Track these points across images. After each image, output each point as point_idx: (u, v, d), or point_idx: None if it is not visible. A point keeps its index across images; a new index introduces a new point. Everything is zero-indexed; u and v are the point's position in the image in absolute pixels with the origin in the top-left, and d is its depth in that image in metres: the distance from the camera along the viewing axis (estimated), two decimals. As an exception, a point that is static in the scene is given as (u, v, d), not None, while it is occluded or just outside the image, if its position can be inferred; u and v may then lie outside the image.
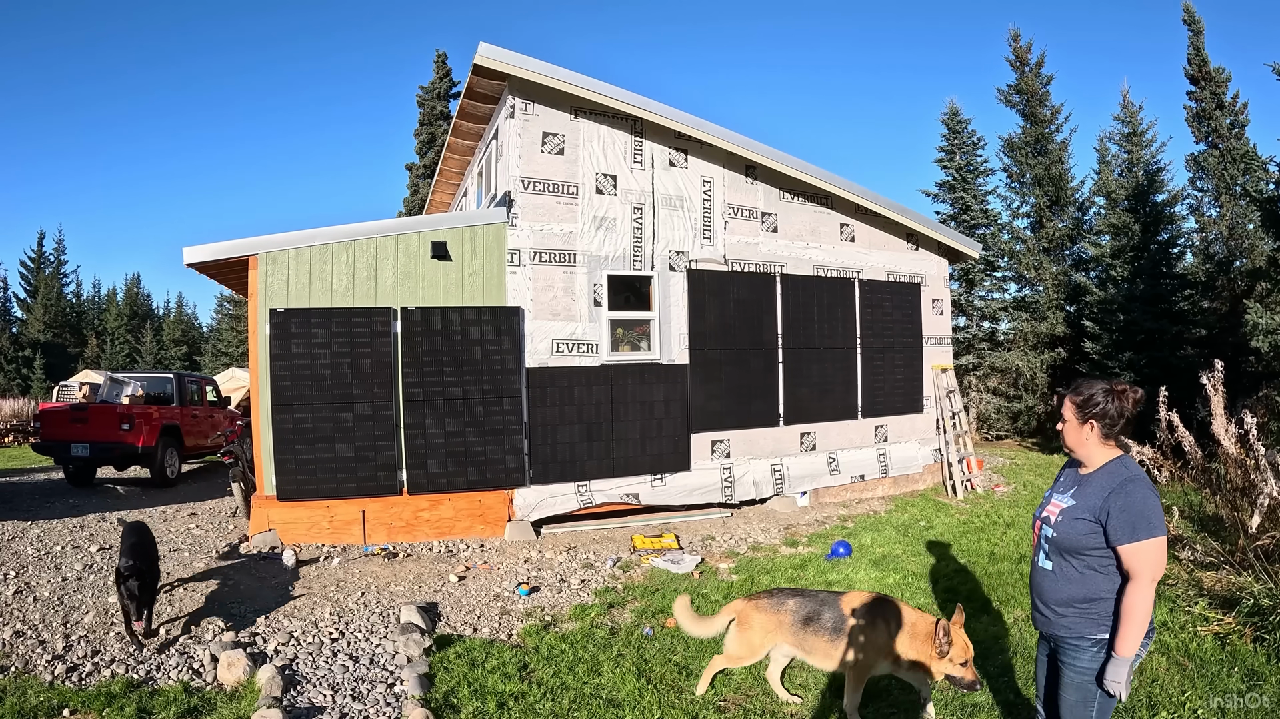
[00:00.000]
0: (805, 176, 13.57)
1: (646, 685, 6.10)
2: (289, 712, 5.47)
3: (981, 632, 7.19)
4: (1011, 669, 6.37)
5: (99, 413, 15.22)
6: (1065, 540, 3.83)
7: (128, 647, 6.70)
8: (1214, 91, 23.05)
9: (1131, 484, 3.71)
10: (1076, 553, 3.80)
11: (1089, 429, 3.89)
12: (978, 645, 6.81)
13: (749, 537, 11.44)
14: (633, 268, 12.38)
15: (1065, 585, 3.84)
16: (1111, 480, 3.78)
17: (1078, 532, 3.78)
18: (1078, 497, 3.89)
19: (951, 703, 5.78)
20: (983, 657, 6.58)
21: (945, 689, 6.03)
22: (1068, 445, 4.02)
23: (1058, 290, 24.42)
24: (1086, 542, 3.76)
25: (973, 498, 14.29)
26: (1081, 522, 3.79)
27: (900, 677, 5.60)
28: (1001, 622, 7.55)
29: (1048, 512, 4.02)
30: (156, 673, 6.20)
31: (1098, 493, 3.79)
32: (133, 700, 5.52)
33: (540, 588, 8.96)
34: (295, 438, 10.52)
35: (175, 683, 5.97)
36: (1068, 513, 3.87)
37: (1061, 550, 3.86)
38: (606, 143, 12.26)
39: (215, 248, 10.58)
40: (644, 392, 12.31)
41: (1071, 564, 3.83)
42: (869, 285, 14.71)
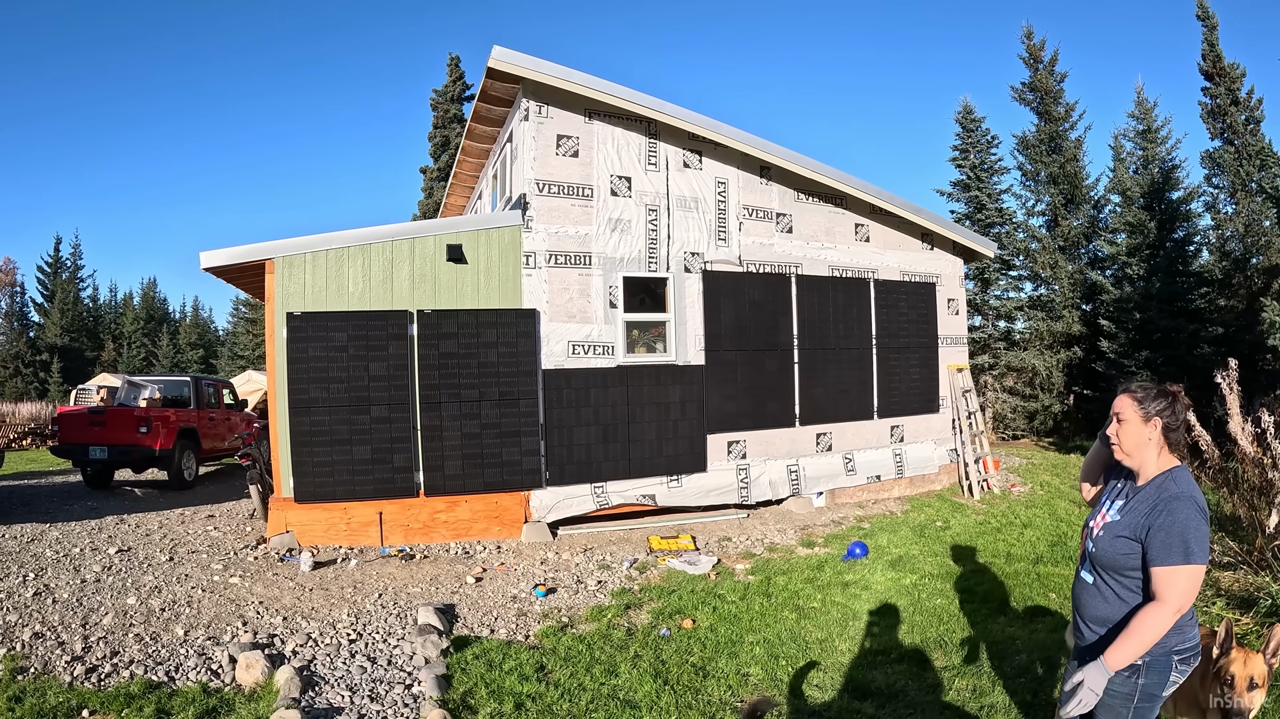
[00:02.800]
0: (820, 177, 13.57)
1: (664, 686, 6.14)
2: (307, 712, 5.50)
3: (999, 633, 7.25)
4: (1030, 669, 6.37)
5: (116, 416, 15.34)
6: (1105, 558, 3.66)
7: (147, 648, 6.72)
8: (1229, 87, 22.91)
9: (1176, 503, 3.45)
10: (1116, 572, 3.63)
11: (1152, 429, 3.61)
12: (994, 647, 6.87)
13: (765, 537, 11.46)
14: (648, 269, 12.41)
15: (1102, 604, 3.69)
16: (1157, 496, 3.55)
17: (1117, 550, 3.60)
18: (1125, 512, 3.66)
19: (969, 703, 5.80)
20: (999, 657, 6.64)
21: (962, 689, 6.06)
22: (1125, 450, 3.69)
23: (1073, 289, 24.29)
24: (1126, 562, 3.57)
25: (989, 498, 14.26)
26: (1122, 540, 3.59)
27: None
28: (1019, 622, 7.56)
29: (1094, 523, 3.82)
30: (175, 674, 6.21)
31: (1143, 510, 3.56)
32: (151, 701, 5.55)
33: (557, 589, 9.00)
34: (312, 440, 10.59)
35: (194, 684, 5.99)
36: (1110, 529, 3.68)
37: (1100, 567, 3.71)
38: (621, 145, 12.30)
39: (232, 252, 10.67)
40: (660, 393, 12.34)
41: (1110, 583, 3.66)
42: (884, 285, 14.70)
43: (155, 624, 7.33)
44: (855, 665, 6.65)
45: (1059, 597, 8.24)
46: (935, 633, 7.37)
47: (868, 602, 8.35)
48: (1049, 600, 8.13)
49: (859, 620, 7.82)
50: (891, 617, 7.88)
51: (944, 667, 6.54)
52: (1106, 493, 3.90)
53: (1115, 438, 3.72)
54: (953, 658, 6.73)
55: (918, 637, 7.30)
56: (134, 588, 8.42)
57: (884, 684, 6.20)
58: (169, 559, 9.81)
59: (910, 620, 7.75)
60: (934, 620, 7.72)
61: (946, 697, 5.94)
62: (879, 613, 8.02)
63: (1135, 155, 24.11)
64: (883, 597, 8.51)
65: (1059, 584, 8.65)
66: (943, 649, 6.96)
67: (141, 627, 7.20)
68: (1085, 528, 3.93)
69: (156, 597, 8.16)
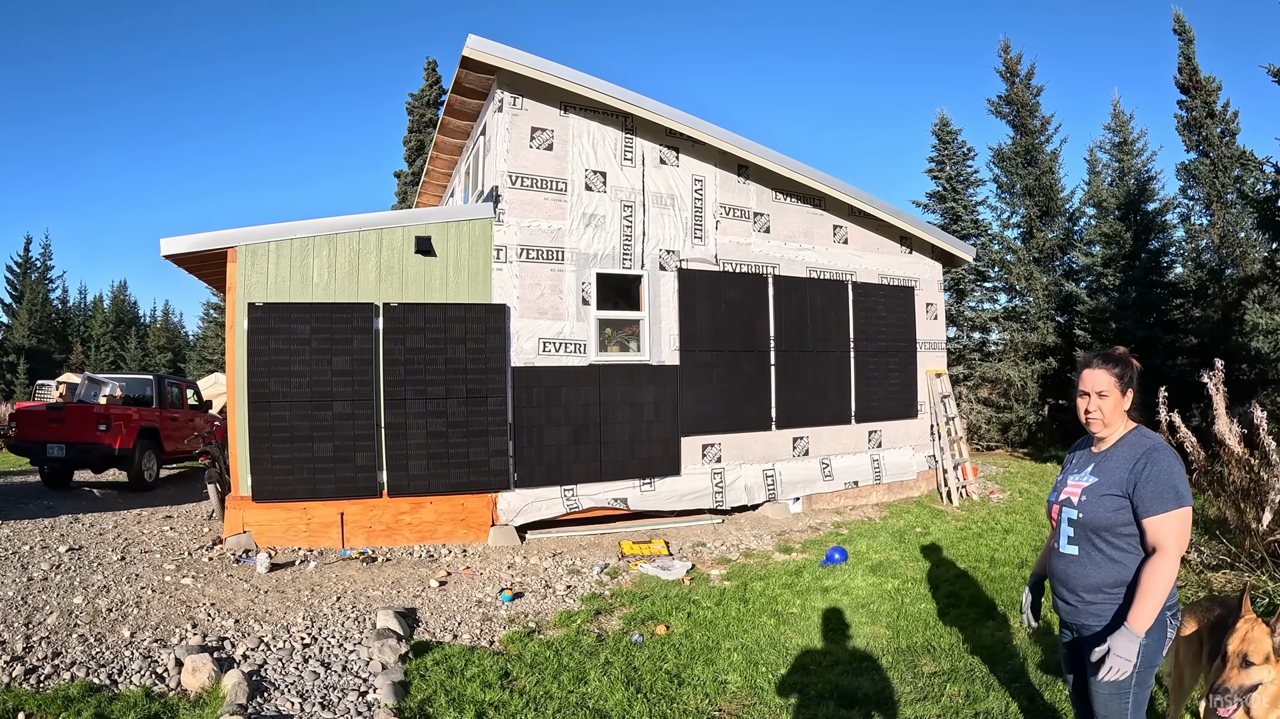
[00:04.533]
0: (798, 176, 13.34)
1: (636, 694, 5.79)
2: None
3: (988, 637, 6.97)
4: (1023, 674, 6.08)
5: (75, 413, 14.85)
6: (1093, 520, 3.56)
7: (91, 650, 6.34)
8: (1204, 100, 22.90)
9: (1157, 453, 3.49)
10: (1106, 532, 3.53)
11: (1128, 399, 3.67)
12: (985, 652, 6.58)
13: (741, 543, 11.13)
14: (622, 266, 12.10)
15: (1093, 570, 3.57)
16: (1134, 451, 3.57)
17: (1105, 509, 3.54)
18: (1099, 473, 3.64)
19: (963, 710, 5.47)
20: (992, 663, 6.35)
21: (956, 697, 5.74)
22: (1105, 422, 3.66)
23: (1048, 300, 24.25)
24: (1116, 519, 3.51)
25: (969, 504, 13.99)
26: (1109, 498, 3.53)
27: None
28: (1008, 626, 7.30)
29: (1066, 494, 3.74)
30: (118, 677, 5.85)
31: (1122, 465, 3.56)
32: (91, 705, 5.21)
33: (524, 594, 8.64)
34: (272, 436, 10.18)
35: (137, 687, 5.64)
36: (1092, 491, 3.61)
37: (1089, 531, 3.58)
38: (596, 139, 12.01)
39: (194, 239, 10.31)
40: (633, 393, 12.00)
41: (1099, 546, 3.56)
42: (862, 288, 14.46)
43: (101, 625, 6.96)
44: (840, 672, 6.30)
45: (1047, 601, 7.93)
46: (922, 638, 7.06)
47: (850, 607, 8.05)
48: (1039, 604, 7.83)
49: (841, 626, 7.50)
50: (876, 622, 7.58)
51: (933, 672, 6.22)
52: (1066, 469, 3.92)
53: (1098, 413, 3.68)
54: (942, 663, 6.41)
55: (904, 642, 6.99)
56: (82, 587, 8.07)
57: (871, 691, 5.87)
58: (121, 559, 9.42)
59: (895, 625, 7.45)
60: (920, 625, 7.42)
61: (940, 704, 5.61)
62: (862, 618, 7.72)
63: (1111, 167, 24.22)
64: (865, 602, 8.22)
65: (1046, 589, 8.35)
66: (931, 654, 6.65)
67: (87, 627, 6.85)
68: (1054, 504, 3.86)
69: (104, 596, 7.80)
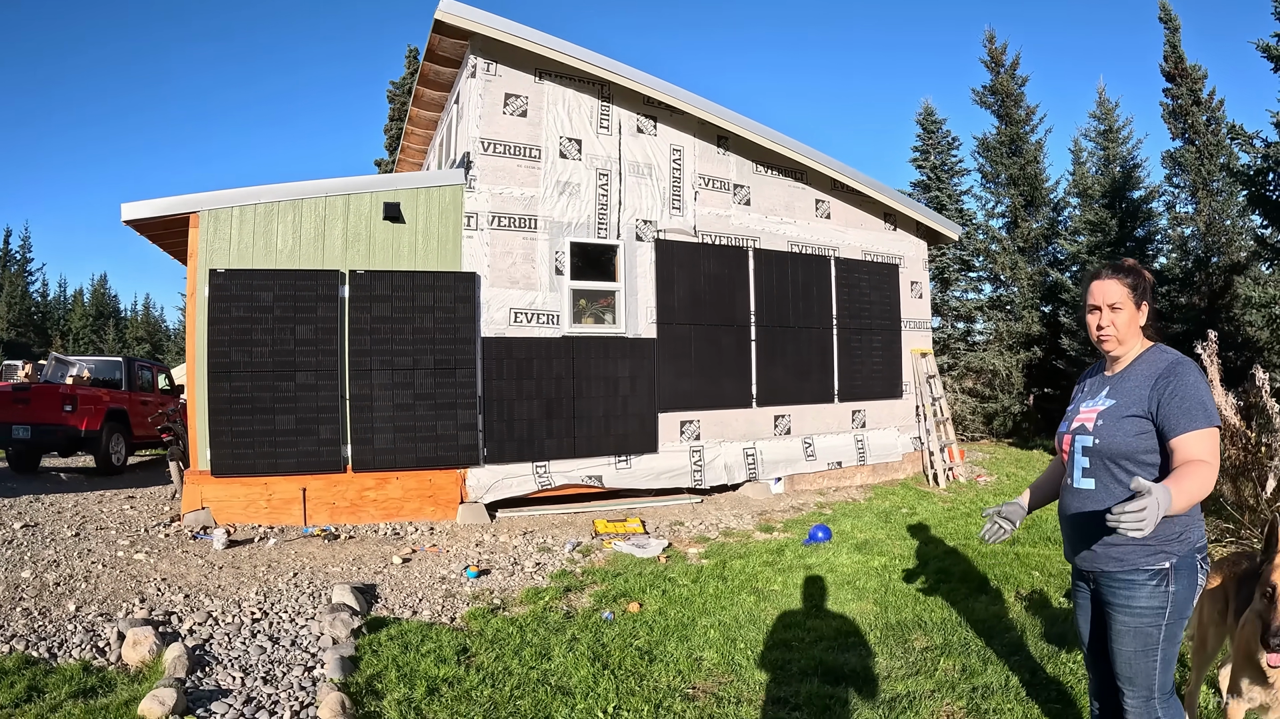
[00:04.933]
0: (779, 148, 13.01)
1: (603, 671, 5.37)
2: (189, 693, 4.83)
3: (982, 611, 6.57)
4: (1023, 647, 5.69)
5: (41, 394, 14.31)
6: (1112, 446, 3.14)
7: (34, 623, 6.08)
8: (1190, 88, 22.68)
9: (1181, 367, 3.09)
10: (1127, 460, 3.11)
11: (1143, 314, 3.26)
12: (979, 626, 6.18)
13: (720, 522, 10.75)
14: (597, 235, 11.74)
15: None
16: (1155, 368, 3.16)
17: (1126, 432, 3.12)
18: (1116, 395, 3.23)
19: (959, 684, 5.06)
20: (988, 636, 5.95)
21: (951, 671, 5.35)
22: (1120, 339, 3.25)
23: (1033, 290, 24.05)
24: (1139, 444, 3.10)
25: (955, 487, 13.65)
26: (1130, 420, 3.12)
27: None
28: (1002, 600, 6.92)
29: (1080, 420, 3.32)
30: (58, 650, 5.55)
31: (1142, 384, 3.16)
32: (25, 677, 4.93)
33: (491, 571, 8.25)
34: (232, 408, 9.79)
35: (76, 661, 5.34)
36: (1110, 414, 3.19)
37: (1107, 459, 3.16)
38: (572, 106, 11.67)
39: (156, 204, 9.95)
40: (608, 367, 11.62)
41: (1120, 478, 3.13)
42: (845, 264, 14.12)
43: (47, 599, 6.72)
44: (825, 648, 5.88)
45: (1043, 574, 7.61)
46: (911, 613, 6.66)
47: (834, 584, 7.65)
48: (1033, 579, 7.48)
49: (826, 602, 7.10)
50: (862, 599, 7.17)
51: (925, 647, 5.81)
52: (1077, 398, 3.52)
53: (1110, 328, 3.26)
54: (934, 638, 6.00)
55: (892, 617, 6.57)
56: (31, 561, 7.82)
57: (859, 667, 5.46)
58: (75, 534, 9.10)
59: (883, 601, 7.05)
60: (909, 601, 7.02)
61: (934, 678, 5.20)
62: (848, 595, 7.32)
63: (1096, 155, 24.04)
64: (850, 579, 7.82)
65: (1040, 563, 8.03)
66: (922, 629, 6.24)
67: (32, 601, 6.60)
68: (1065, 434, 3.41)
69: (53, 571, 7.54)
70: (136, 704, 4.57)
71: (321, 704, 4.65)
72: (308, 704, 4.81)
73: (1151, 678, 3.11)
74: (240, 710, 4.68)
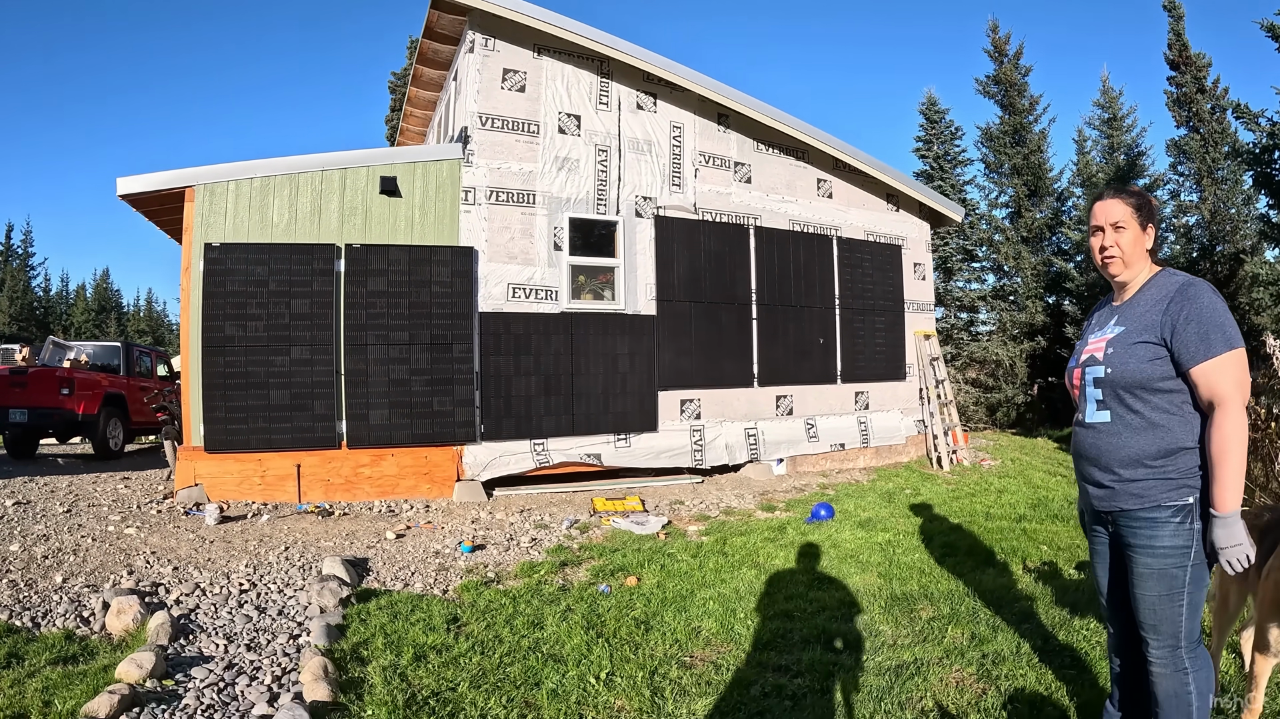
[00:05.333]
0: (781, 126, 12.87)
1: (597, 639, 5.20)
2: (170, 659, 4.74)
3: (990, 582, 6.40)
4: (1033, 615, 5.53)
5: (38, 377, 14.14)
6: (1124, 374, 2.96)
7: (19, 594, 5.97)
8: (1195, 76, 22.52)
9: (1194, 289, 2.90)
10: (1140, 389, 2.94)
11: (1149, 236, 3.10)
12: (987, 596, 6.01)
13: (721, 501, 10.60)
14: (596, 211, 11.58)
15: (1130, 438, 2.95)
16: (1165, 290, 2.97)
17: (1140, 359, 2.94)
18: (1125, 322, 3.06)
19: (968, 652, 4.89)
20: (997, 606, 5.78)
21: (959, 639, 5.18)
22: (1126, 261, 3.10)
23: (1037, 280, 23.89)
24: (1152, 370, 2.92)
25: (959, 470, 13.48)
26: (1142, 345, 2.94)
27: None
28: (1010, 573, 6.75)
29: (1089, 352, 3.14)
30: (42, 620, 5.46)
31: (1153, 308, 2.99)
32: (5, 645, 4.84)
33: (486, 546, 8.11)
34: (226, 383, 9.65)
35: (59, 630, 5.24)
36: (1120, 341, 3.02)
37: (1120, 389, 2.99)
38: (571, 82, 11.53)
39: (151, 178, 9.83)
40: (607, 344, 11.47)
41: (1135, 408, 2.96)
42: (848, 244, 13.97)
43: (34, 571, 6.61)
44: (828, 618, 5.70)
45: (1051, 548, 7.44)
46: (917, 585, 6.49)
47: (838, 559, 7.48)
48: (1041, 552, 7.33)
49: (828, 576, 6.91)
50: (866, 572, 6.99)
51: (932, 617, 5.63)
52: (1085, 332, 3.33)
53: (1114, 249, 3.11)
54: (941, 608, 5.82)
55: (898, 589, 6.39)
56: (21, 535, 7.70)
57: (863, 635, 5.30)
58: (67, 511, 8.97)
59: (888, 574, 6.87)
60: (914, 573, 6.84)
61: (942, 646, 5.03)
62: (851, 568, 7.14)
63: (1100, 143, 23.91)
64: (854, 553, 7.65)
65: (1048, 538, 7.89)
66: (929, 599, 6.06)
67: (19, 573, 6.49)
68: (1075, 368, 3.25)
69: (42, 544, 7.41)
70: (114, 669, 4.46)
71: (304, 669, 4.54)
72: (290, 670, 4.70)
73: (1177, 625, 2.93)
74: (220, 675, 4.57)
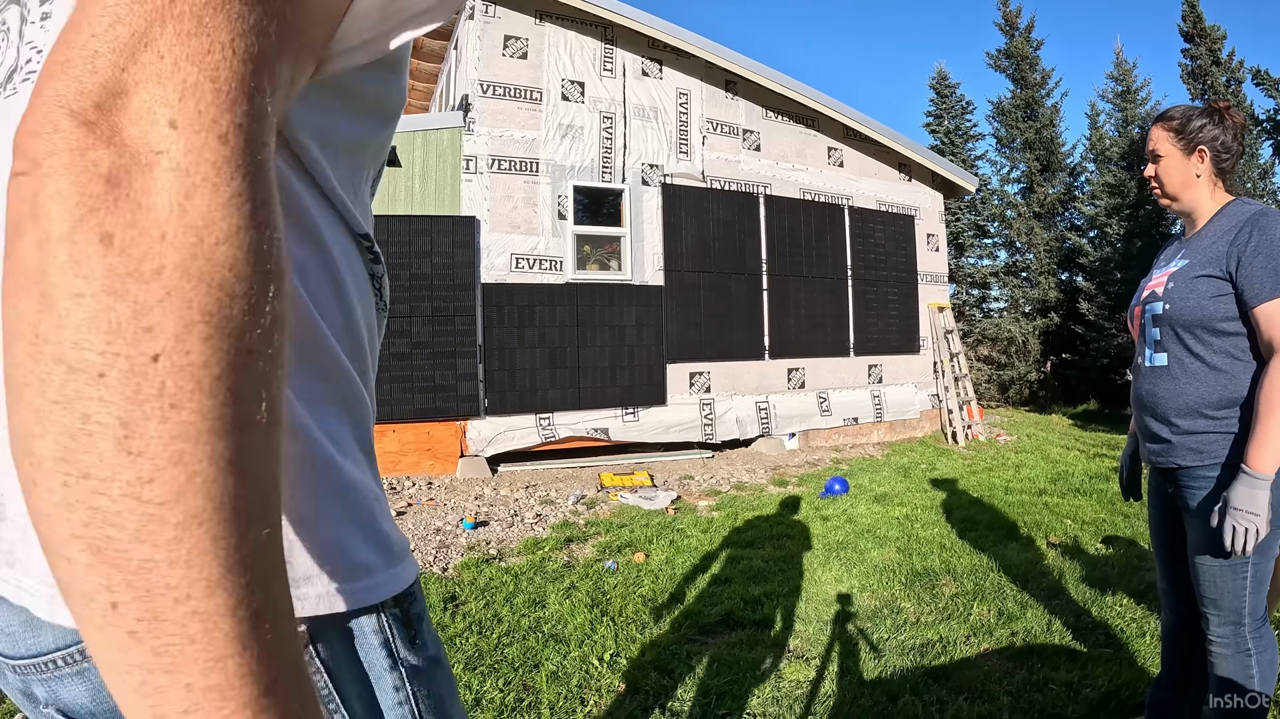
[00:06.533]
0: (790, 93, 12.54)
1: (601, 618, 4.92)
2: None
3: (1014, 557, 6.12)
4: (1062, 591, 5.24)
5: None
6: (1184, 311, 2.61)
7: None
8: (1209, 48, 22.19)
9: (1264, 218, 2.54)
10: (1201, 328, 2.58)
11: (1198, 161, 2.71)
12: (1012, 571, 5.72)
13: (732, 476, 10.31)
14: (601, 179, 11.29)
15: (1189, 384, 2.61)
16: (1234, 220, 2.62)
17: (1200, 294, 2.58)
18: (1190, 255, 2.71)
19: (997, 629, 4.61)
20: (1022, 581, 5.49)
21: (986, 616, 4.91)
22: (1171, 191, 2.78)
23: (1050, 255, 23.63)
24: (1214, 309, 2.56)
25: (975, 445, 13.20)
26: (1204, 280, 2.58)
27: None
28: (1034, 546, 6.46)
29: (1151, 288, 2.80)
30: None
31: (1219, 239, 2.62)
32: None
33: (489, 523, 7.82)
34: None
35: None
36: (1182, 274, 2.66)
37: (1178, 328, 2.63)
38: (574, 49, 11.22)
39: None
40: (614, 315, 11.19)
41: (1195, 350, 2.61)
42: (859, 213, 13.67)
43: None
44: (845, 594, 5.45)
45: (1075, 523, 7.16)
46: (938, 560, 6.20)
47: (854, 533, 7.19)
48: (1064, 526, 7.05)
49: (844, 550, 6.63)
50: (884, 547, 6.71)
51: (955, 593, 5.35)
52: (1153, 267, 2.96)
53: (1155, 181, 2.82)
54: (964, 583, 5.54)
55: (918, 564, 6.11)
56: None
57: (881, 610, 5.03)
58: None
59: (906, 549, 6.59)
60: (934, 548, 6.56)
61: (968, 623, 4.74)
62: (868, 543, 6.85)
63: (1114, 117, 23.60)
64: (870, 528, 7.36)
65: (1071, 512, 7.62)
66: (951, 575, 5.78)
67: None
68: (1135, 306, 2.90)
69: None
70: None
71: None
72: None
73: (1240, 599, 2.59)
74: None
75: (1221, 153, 2.69)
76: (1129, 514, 7.32)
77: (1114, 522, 7.12)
